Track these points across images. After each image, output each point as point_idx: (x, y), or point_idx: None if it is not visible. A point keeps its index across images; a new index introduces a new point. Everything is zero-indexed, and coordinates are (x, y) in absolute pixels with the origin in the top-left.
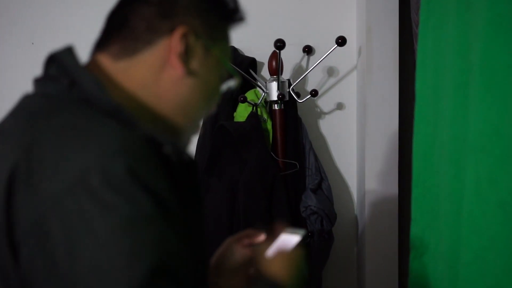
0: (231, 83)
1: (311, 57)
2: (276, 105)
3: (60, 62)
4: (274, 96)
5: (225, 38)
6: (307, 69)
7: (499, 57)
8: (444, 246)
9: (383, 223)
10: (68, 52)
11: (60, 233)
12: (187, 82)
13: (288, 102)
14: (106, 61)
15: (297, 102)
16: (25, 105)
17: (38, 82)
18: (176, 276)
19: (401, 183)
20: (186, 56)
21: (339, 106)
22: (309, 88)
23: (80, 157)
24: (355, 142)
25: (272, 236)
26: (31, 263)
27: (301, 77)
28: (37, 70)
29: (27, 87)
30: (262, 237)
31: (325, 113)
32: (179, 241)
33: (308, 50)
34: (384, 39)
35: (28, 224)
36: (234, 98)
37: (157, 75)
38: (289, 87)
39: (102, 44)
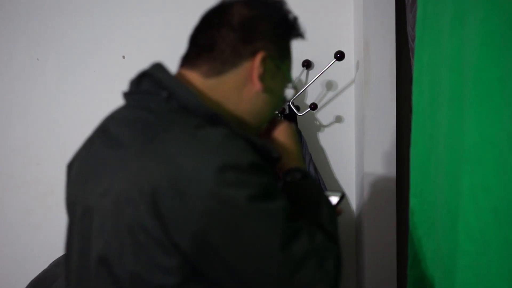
0: (290, 92)
1: (311, 72)
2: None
3: (153, 78)
4: None
5: (290, 54)
6: (306, 83)
7: (491, 72)
8: (442, 252)
9: (381, 234)
10: (159, 68)
11: (220, 219)
12: (262, 96)
13: (288, 115)
14: (197, 78)
15: (297, 115)
16: (130, 119)
17: (132, 95)
18: (295, 216)
19: (399, 193)
20: (264, 75)
21: (338, 119)
22: (309, 101)
23: (213, 158)
24: (354, 154)
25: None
26: (200, 245)
27: (301, 91)
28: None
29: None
30: None
31: (324, 126)
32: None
33: (307, 64)
34: (381, 53)
35: (185, 221)
36: None
37: (239, 91)
38: (289, 101)
39: (191, 62)
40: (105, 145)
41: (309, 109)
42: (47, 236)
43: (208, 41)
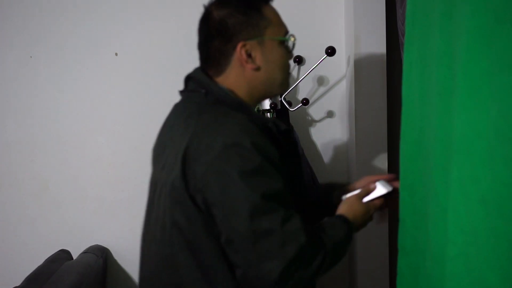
0: (291, 41)
1: (302, 67)
2: (268, 113)
3: (196, 80)
4: (266, 105)
5: (266, 19)
6: (298, 78)
7: (479, 65)
8: (431, 244)
9: (373, 227)
10: (199, 72)
11: (216, 184)
12: (263, 69)
13: (280, 110)
14: (213, 77)
15: (289, 111)
16: (182, 109)
17: (183, 93)
18: (280, 200)
19: None
20: (250, 57)
21: (330, 114)
22: (301, 97)
23: (222, 138)
24: (346, 148)
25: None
26: (206, 202)
27: (293, 86)
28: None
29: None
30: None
31: (316, 121)
32: (281, 180)
33: (298, 60)
34: (372, 48)
35: (197, 182)
36: None
37: (242, 77)
38: (281, 96)
39: (204, 66)
40: (166, 130)
41: (301, 104)
42: (42, 233)
43: (204, 53)
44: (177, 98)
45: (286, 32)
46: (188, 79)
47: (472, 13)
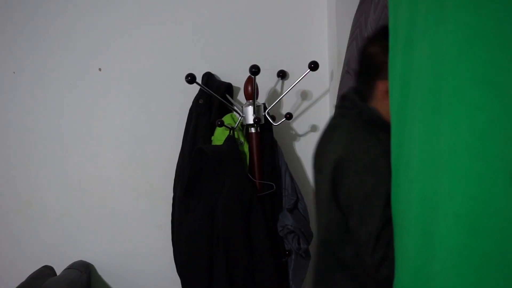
0: None
1: (285, 82)
2: (252, 128)
3: (350, 100)
4: (250, 119)
5: None
6: (281, 93)
7: (452, 82)
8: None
9: None
10: (353, 92)
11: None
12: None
13: (264, 125)
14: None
15: (273, 125)
16: (335, 122)
17: (337, 109)
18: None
19: None
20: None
21: (313, 128)
22: (284, 111)
23: (338, 154)
24: None
25: None
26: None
27: (276, 101)
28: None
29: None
30: None
31: (300, 135)
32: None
33: (282, 75)
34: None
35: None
36: (212, 122)
37: (383, 101)
38: (264, 111)
39: (359, 92)
40: (322, 139)
41: (285, 118)
42: (25, 249)
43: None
44: (160, 111)
45: None
46: (343, 98)
47: (455, 30)
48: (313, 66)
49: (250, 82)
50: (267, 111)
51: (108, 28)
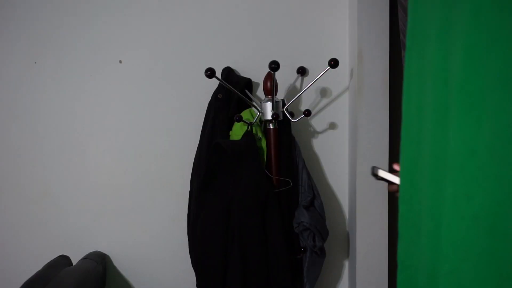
0: None
1: (305, 78)
2: (270, 124)
3: None
4: (268, 115)
5: None
6: (300, 89)
7: (474, 83)
8: (426, 259)
9: (373, 239)
10: None
11: None
12: None
13: (282, 121)
14: None
15: (291, 122)
16: None
17: None
18: None
19: (390, 200)
20: None
21: (332, 126)
22: (303, 108)
23: None
24: (347, 160)
25: None
26: None
27: (295, 97)
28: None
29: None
30: None
31: (318, 133)
32: None
33: (302, 71)
34: (375, 62)
35: None
36: (230, 117)
37: None
38: (283, 107)
39: None
40: None
41: (303, 115)
42: (42, 238)
43: None
44: (179, 105)
45: None
46: None
47: (467, 31)
48: (333, 63)
49: (270, 78)
50: (285, 107)
51: (130, 21)
